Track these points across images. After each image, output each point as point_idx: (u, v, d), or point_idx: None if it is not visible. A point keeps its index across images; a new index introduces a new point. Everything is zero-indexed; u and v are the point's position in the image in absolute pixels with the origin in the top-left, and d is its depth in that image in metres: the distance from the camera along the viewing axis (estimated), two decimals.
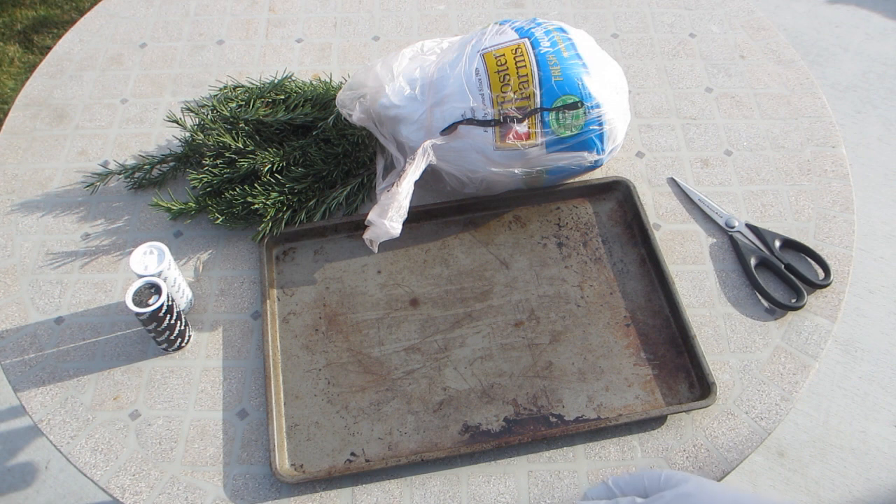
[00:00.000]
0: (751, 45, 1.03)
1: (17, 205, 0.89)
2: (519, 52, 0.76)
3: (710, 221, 0.85)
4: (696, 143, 0.92)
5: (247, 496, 0.69)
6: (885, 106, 2.00)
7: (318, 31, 1.06)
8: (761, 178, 0.89)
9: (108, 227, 0.87)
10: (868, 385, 1.54)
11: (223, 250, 0.85)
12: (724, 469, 0.70)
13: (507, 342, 0.77)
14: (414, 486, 0.70)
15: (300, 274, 0.82)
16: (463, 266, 0.82)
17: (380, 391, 0.74)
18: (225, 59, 1.03)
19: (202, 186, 0.84)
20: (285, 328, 0.78)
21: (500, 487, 0.69)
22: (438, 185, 0.84)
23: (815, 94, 0.97)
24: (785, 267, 0.80)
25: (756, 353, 0.76)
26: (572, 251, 0.83)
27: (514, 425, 0.72)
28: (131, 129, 0.96)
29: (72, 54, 1.05)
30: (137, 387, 0.76)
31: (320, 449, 0.71)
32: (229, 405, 0.74)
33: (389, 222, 0.74)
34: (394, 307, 0.79)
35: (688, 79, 0.99)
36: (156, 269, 0.72)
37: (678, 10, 1.07)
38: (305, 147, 0.85)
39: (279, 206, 0.82)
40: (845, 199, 0.87)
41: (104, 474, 0.71)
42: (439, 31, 1.06)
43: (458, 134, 0.77)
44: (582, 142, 0.77)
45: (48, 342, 0.78)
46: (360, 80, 0.81)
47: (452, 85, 0.76)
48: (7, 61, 2.12)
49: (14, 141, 0.95)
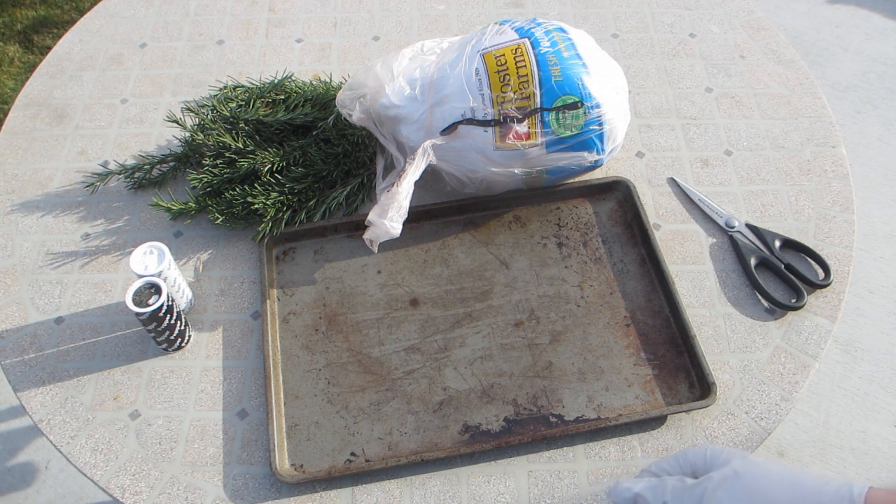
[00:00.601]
0: (751, 45, 1.03)
1: (17, 205, 0.89)
2: (519, 52, 0.76)
3: (710, 221, 0.85)
4: (696, 143, 0.92)
5: (247, 496, 0.69)
6: (885, 106, 2.00)
7: (318, 31, 1.06)
8: (761, 178, 0.89)
9: (108, 227, 0.87)
10: (868, 385, 1.54)
11: (223, 250, 0.85)
12: None
13: (507, 342, 0.77)
14: (414, 486, 0.70)
15: (300, 274, 0.82)
16: (463, 266, 0.82)
17: (380, 391, 0.74)
18: (225, 59, 1.03)
19: (202, 186, 0.84)
20: (285, 328, 0.78)
21: (500, 487, 0.69)
22: (438, 185, 0.84)
23: (815, 94, 0.97)
24: (785, 267, 0.80)
25: (756, 353, 0.76)
26: (572, 251, 0.83)
27: (514, 425, 0.72)
28: (131, 129, 0.96)
29: (72, 54, 1.05)
30: (137, 387, 0.76)
31: (320, 449, 0.71)
32: (229, 405, 0.74)
33: (389, 222, 0.74)
34: (394, 307, 0.79)
35: (688, 79, 0.99)
36: (156, 269, 0.72)
37: (678, 10, 1.07)
38: (305, 147, 0.85)
39: (279, 206, 0.82)
40: (845, 199, 0.87)
41: (104, 474, 0.71)
42: (439, 31, 1.06)
43: (458, 134, 0.77)
44: (582, 142, 0.77)
45: (48, 342, 0.78)
46: (360, 80, 0.81)
47: (452, 85, 0.76)
48: (7, 61, 2.12)
49: (14, 141, 0.95)
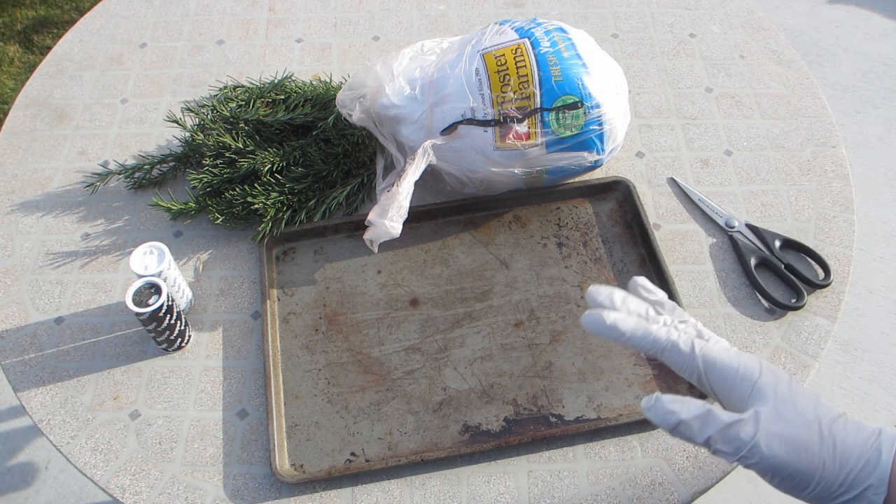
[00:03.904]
0: (751, 45, 1.03)
1: (17, 205, 0.89)
2: (519, 52, 0.76)
3: (710, 221, 0.85)
4: (696, 143, 0.92)
5: (247, 496, 0.69)
6: (885, 106, 2.00)
7: (318, 31, 1.06)
8: (761, 178, 0.89)
9: (108, 227, 0.87)
10: (868, 385, 1.54)
11: (223, 250, 0.85)
12: (725, 469, 0.70)
13: (507, 342, 0.77)
14: (414, 486, 0.70)
15: (300, 274, 0.82)
16: (463, 266, 0.82)
17: (380, 391, 0.74)
18: (225, 59, 1.03)
19: (202, 186, 0.84)
20: (285, 328, 0.78)
21: (500, 487, 0.69)
22: (438, 185, 0.84)
23: (815, 94, 0.97)
24: (785, 267, 0.80)
25: (756, 353, 0.76)
26: (572, 251, 0.83)
27: (514, 425, 0.72)
28: (131, 129, 0.96)
29: (72, 54, 1.05)
30: (137, 387, 0.76)
31: (320, 449, 0.71)
32: (229, 405, 0.74)
33: (390, 222, 0.74)
34: (394, 307, 0.79)
35: (688, 79, 0.99)
36: (156, 269, 0.72)
37: (678, 10, 1.07)
38: (305, 147, 0.85)
39: (279, 206, 0.82)
40: (845, 199, 0.87)
41: (104, 474, 0.71)
42: (439, 31, 1.05)
43: (458, 134, 0.77)
44: (582, 142, 0.77)
45: (48, 342, 0.78)
46: (360, 80, 0.80)
47: (452, 85, 0.76)
48: (7, 61, 2.12)
49: (14, 141, 0.95)
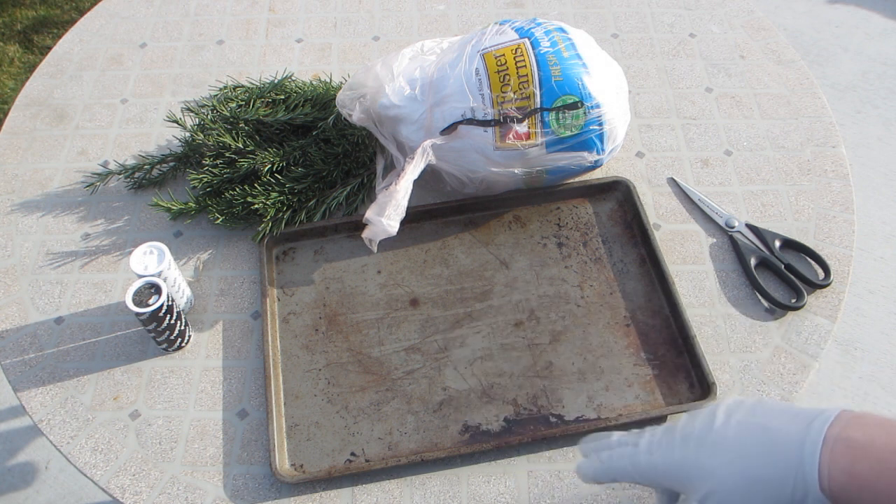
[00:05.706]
0: (751, 45, 1.03)
1: (17, 205, 0.89)
2: (519, 52, 0.76)
3: (710, 221, 0.85)
4: (696, 143, 0.92)
5: (247, 496, 0.69)
6: (885, 106, 2.00)
7: (318, 31, 1.06)
8: (761, 178, 0.89)
9: (108, 227, 0.87)
10: (868, 385, 1.54)
11: (223, 250, 0.85)
12: None
13: (507, 342, 0.77)
14: (414, 486, 0.69)
15: (300, 274, 0.82)
16: (463, 266, 0.82)
17: (380, 391, 0.74)
18: (225, 59, 1.03)
19: (202, 186, 0.84)
20: (285, 328, 0.78)
21: (500, 487, 0.69)
22: (438, 185, 0.84)
23: (815, 94, 0.97)
24: (785, 267, 0.80)
25: (756, 353, 0.76)
26: (572, 251, 0.83)
27: (514, 425, 0.72)
28: (131, 129, 0.96)
29: (72, 54, 1.05)
30: (137, 387, 0.76)
31: (320, 449, 0.71)
32: (229, 405, 0.74)
33: (387, 220, 0.73)
34: (394, 307, 0.79)
35: (688, 79, 0.99)
36: (156, 269, 0.72)
37: (678, 10, 1.07)
38: (305, 147, 0.85)
39: (279, 206, 0.82)
40: (845, 199, 0.87)
41: (104, 474, 0.71)
42: (439, 31, 1.05)
43: (458, 134, 0.77)
44: (582, 142, 0.77)
45: (48, 342, 0.78)
46: (360, 80, 0.80)
47: (452, 85, 0.76)
48: (7, 61, 2.12)
49: (14, 141, 0.95)
